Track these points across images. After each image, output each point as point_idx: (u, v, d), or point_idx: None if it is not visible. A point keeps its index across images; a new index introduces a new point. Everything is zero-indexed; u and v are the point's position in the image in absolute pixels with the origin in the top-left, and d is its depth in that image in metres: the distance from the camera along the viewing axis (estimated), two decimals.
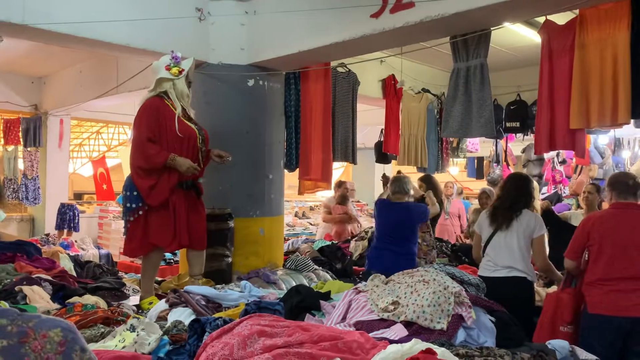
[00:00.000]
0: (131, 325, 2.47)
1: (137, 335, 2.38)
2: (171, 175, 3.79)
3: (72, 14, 3.97)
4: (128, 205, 3.83)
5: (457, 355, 2.09)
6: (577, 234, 3.28)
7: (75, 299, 3.39)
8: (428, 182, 6.09)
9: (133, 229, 3.85)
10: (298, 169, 5.62)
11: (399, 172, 5.15)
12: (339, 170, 15.69)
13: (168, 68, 3.89)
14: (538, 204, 6.12)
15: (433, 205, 5.01)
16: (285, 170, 5.52)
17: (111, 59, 6.84)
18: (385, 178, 5.92)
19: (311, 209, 11.67)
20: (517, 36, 5.87)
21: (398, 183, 4.67)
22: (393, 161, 7.49)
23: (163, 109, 3.84)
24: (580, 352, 2.44)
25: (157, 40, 4.44)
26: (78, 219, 8.28)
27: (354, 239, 6.36)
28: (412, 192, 4.79)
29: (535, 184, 4.10)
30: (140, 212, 3.79)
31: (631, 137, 8.37)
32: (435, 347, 1.93)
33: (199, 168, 3.90)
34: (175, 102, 3.87)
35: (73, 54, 7.03)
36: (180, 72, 3.90)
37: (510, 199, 3.79)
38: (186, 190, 3.94)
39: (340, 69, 5.92)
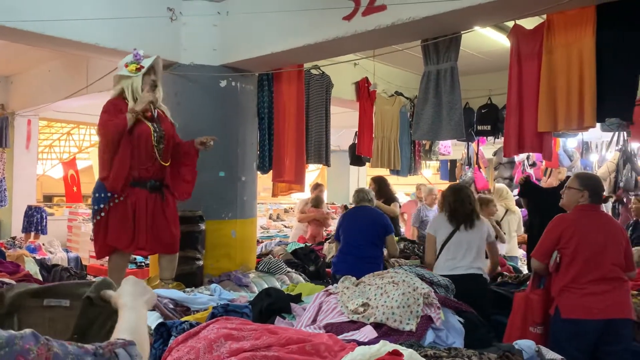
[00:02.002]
0: None
1: None
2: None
3: (40, 11, 3.87)
4: (93, 207, 3.86)
5: (425, 356, 2.10)
6: (547, 235, 3.26)
7: None
8: (379, 182, 6.27)
9: (97, 230, 3.86)
10: (271, 171, 5.59)
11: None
12: (314, 172, 15.71)
13: (127, 65, 3.84)
14: (513, 204, 6.29)
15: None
16: (259, 172, 5.49)
17: (81, 58, 6.71)
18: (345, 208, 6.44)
19: (286, 211, 11.63)
20: (489, 41, 5.97)
21: (361, 193, 4.94)
22: (367, 163, 7.53)
23: (123, 107, 3.80)
24: (546, 352, 2.47)
25: (127, 40, 4.36)
26: (46, 222, 8.10)
27: (327, 241, 6.36)
28: (375, 201, 5.04)
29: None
30: (103, 214, 3.77)
31: (598, 140, 8.56)
32: (402, 349, 1.93)
33: (153, 98, 3.85)
34: (129, 99, 3.81)
35: (42, 53, 6.86)
36: (137, 70, 3.84)
37: (469, 204, 4.00)
38: (151, 191, 3.88)
39: (314, 71, 5.92)
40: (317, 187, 7.57)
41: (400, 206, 6.52)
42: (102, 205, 3.76)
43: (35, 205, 8.33)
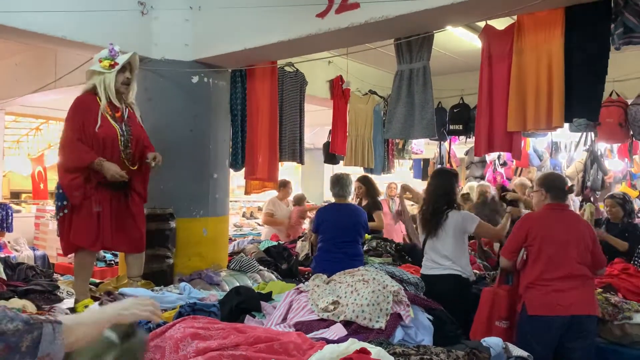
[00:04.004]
0: None
1: None
2: (95, 174, 3.66)
3: (6, 2, 3.74)
4: (56, 203, 3.76)
5: (393, 354, 2.10)
6: (515, 233, 3.33)
7: (0, 302, 3.21)
8: (366, 183, 6.21)
9: (61, 227, 3.78)
10: (244, 168, 5.55)
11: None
12: (290, 170, 15.64)
13: (101, 61, 3.75)
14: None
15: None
16: (232, 170, 5.44)
17: (49, 52, 6.55)
18: None
19: (259, 209, 11.55)
20: (462, 41, 6.03)
21: (341, 185, 4.72)
22: (341, 162, 7.53)
23: (93, 104, 3.69)
24: (513, 349, 2.51)
25: (96, 33, 4.26)
26: (12, 219, 7.87)
27: (300, 239, 6.34)
28: (353, 192, 4.87)
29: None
30: (66, 211, 3.68)
31: (567, 141, 8.72)
32: (370, 347, 1.94)
33: (126, 177, 3.68)
34: (101, 96, 3.71)
35: (8, 46, 6.67)
36: (111, 66, 3.74)
37: (432, 203, 3.88)
38: (115, 191, 3.80)
39: (287, 68, 5.89)
40: (285, 184, 7.49)
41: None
42: (65, 202, 3.67)
43: (0, 202, 8.10)
